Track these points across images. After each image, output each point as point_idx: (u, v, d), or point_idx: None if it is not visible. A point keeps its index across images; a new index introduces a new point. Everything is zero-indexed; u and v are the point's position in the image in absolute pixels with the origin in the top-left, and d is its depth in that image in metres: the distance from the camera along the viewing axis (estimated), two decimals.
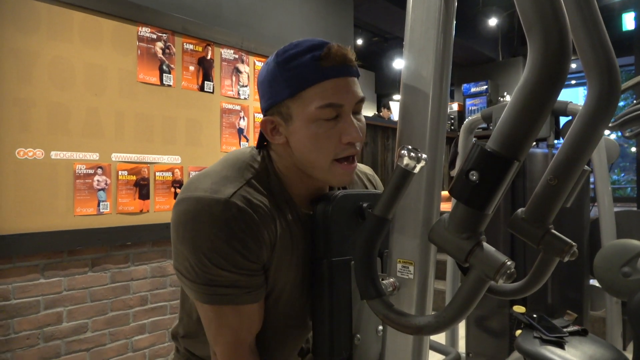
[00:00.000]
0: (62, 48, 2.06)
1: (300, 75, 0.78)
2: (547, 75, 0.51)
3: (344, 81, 0.79)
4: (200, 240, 0.77)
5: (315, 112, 0.78)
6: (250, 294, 0.81)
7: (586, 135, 0.71)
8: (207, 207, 0.77)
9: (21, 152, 1.94)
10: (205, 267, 0.78)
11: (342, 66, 0.79)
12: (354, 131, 0.80)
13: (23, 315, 1.98)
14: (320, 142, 0.80)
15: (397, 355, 0.79)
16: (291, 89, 0.79)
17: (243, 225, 0.77)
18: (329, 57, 0.78)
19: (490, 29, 7.58)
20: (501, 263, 0.54)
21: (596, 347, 1.48)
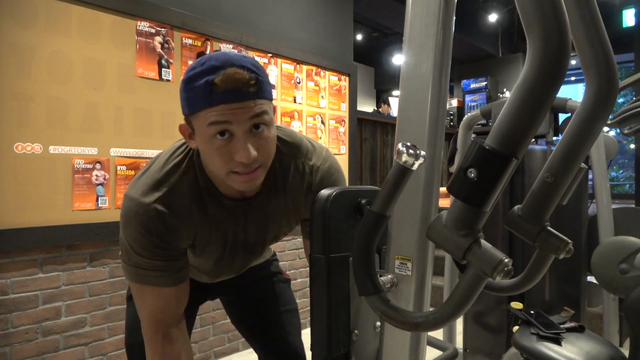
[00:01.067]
0: (60, 42, 2.05)
1: (195, 98, 0.84)
2: (546, 72, 0.51)
3: (234, 106, 0.82)
4: (129, 233, 0.95)
5: (207, 131, 0.84)
6: (168, 277, 0.99)
7: (584, 133, 0.71)
8: (135, 207, 0.94)
9: (19, 147, 1.94)
10: (132, 253, 0.96)
11: (234, 92, 0.82)
12: (244, 152, 0.84)
13: (22, 310, 1.98)
14: (214, 158, 0.87)
15: (395, 351, 0.79)
16: (189, 108, 0.86)
17: (160, 225, 0.93)
18: (220, 84, 0.81)
19: (490, 25, 7.56)
20: (499, 260, 0.55)
21: (593, 344, 1.49)
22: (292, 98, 3.15)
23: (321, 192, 0.87)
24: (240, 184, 0.90)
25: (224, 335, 2.74)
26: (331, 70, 3.47)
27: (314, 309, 0.86)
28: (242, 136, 0.84)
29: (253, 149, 0.85)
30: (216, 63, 0.83)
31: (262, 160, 0.89)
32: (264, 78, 0.87)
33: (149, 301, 1.01)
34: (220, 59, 0.84)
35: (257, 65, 0.88)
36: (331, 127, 3.48)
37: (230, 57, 0.85)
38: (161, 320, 1.03)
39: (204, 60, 0.85)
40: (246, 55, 0.90)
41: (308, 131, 3.28)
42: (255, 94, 0.84)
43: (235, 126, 0.84)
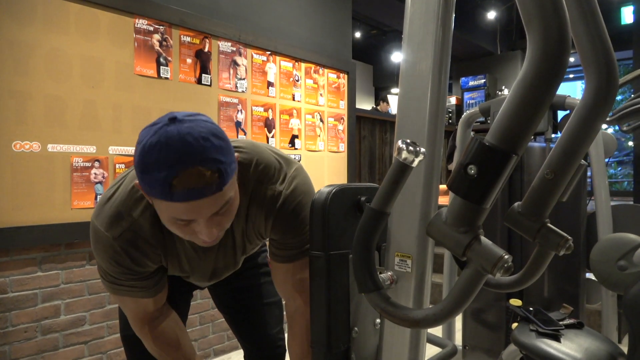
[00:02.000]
0: (58, 40, 2.04)
1: (153, 187, 0.77)
2: (546, 69, 0.51)
3: (195, 203, 0.78)
4: (99, 259, 1.00)
5: (168, 217, 0.82)
6: (144, 291, 1.04)
7: (583, 130, 0.71)
8: (102, 240, 0.96)
9: (18, 145, 1.93)
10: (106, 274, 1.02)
11: (194, 191, 0.76)
12: (206, 235, 0.84)
13: (21, 308, 1.98)
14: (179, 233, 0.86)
15: (395, 348, 0.79)
16: (146, 191, 0.80)
17: (126, 257, 0.97)
18: (180, 185, 0.75)
19: (489, 22, 7.55)
20: (499, 257, 0.55)
21: (592, 340, 1.49)
22: (291, 96, 3.15)
23: (321, 190, 0.87)
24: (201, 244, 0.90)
25: (223, 334, 2.75)
26: (330, 67, 3.47)
27: (313, 306, 0.86)
28: (204, 223, 0.82)
29: (216, 229, 0.85)
30: (174, 155, 0.74)
31: (224, 228, 0.89)
32: (227, 165, 0.79)
33: (129, 307, 1.09)
34: (179, 150, 0.75)
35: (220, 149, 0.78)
36: (330, 124, 3.48)
37: (188, 147, 0.75)
38: (144, 318, 1.11)
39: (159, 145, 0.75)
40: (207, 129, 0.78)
41: (307, 129, 3.28)
42: (219, 187, 0.79)
43: (197, 219, 0.82)
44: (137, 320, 1.11)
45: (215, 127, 0.80)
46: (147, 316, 1.11)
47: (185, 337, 1.19)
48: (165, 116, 0.79)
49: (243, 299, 1.40)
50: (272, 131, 3.01)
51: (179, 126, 0.76)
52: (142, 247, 0.97)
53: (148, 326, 1.12)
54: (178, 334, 1.17)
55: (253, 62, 2.87)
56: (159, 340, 1.13)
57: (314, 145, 3.34)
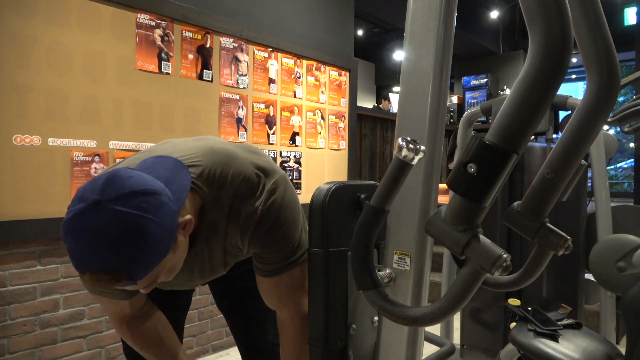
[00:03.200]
0: (60, 33, 2.04)
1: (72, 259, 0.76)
2: (547, 68, 0.51)
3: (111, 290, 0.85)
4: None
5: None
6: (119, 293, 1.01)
7: (584, 130, 0.71)
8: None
9: (18, 139, 1.93)
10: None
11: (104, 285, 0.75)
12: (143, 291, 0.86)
13: (19, 302, 1.98)
14: None
15: (392, 346, 0.79)
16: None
17: None
18: (89, 281, 0.75)
19: (492, 21, 7.54)
20: (497, 255, 0.55)
21: (589, 341, 1.49)
22: (292, 93, 3.15)
23: (320, 187, 0.87)
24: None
25: (221, 329, 2.75)
26: (331, 65, 3.46)
27: (311, 303, 0.86)
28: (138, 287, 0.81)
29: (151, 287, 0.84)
30: (82, 254, 0.73)
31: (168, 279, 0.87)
32: (141, 265, 0.75)
33: (107, 307, 1.10)
34: (85, 250, 0.73)
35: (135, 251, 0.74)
36: (331, 122, 3.47)
37: (94, 252, 0.72)
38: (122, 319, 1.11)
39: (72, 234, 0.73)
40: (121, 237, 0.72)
41: (308, 126, 3.27)
42: (131, 283, 0.76)
43: None
44: (115, 320, 1.12)
45: (138, 222, 0.73)
46: (125, 317, 1.11)
47: (169, 334, 1.17)
48: (95, 191, 0.74)
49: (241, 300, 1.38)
50: (273, 128, 3.01)
51: (97, 219, 0.72)
52: None
53: (127, 326, 1.12)
54: (160, 332, 1.15)
55: (255, 59, 2.86)
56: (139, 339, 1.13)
57: (315, 142, 3.33)
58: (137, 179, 0.76)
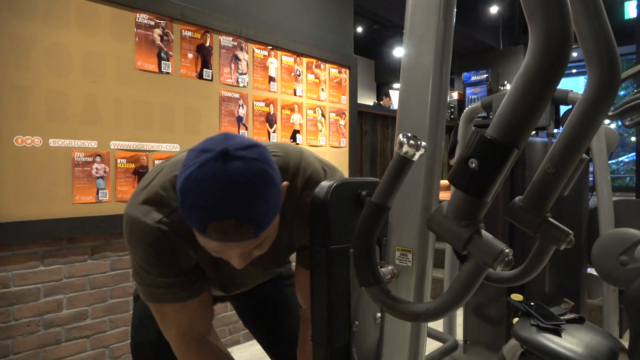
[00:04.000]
0: (59, 34, 2.04)
1: (190, 222, 0.77)
2: (548, 62, 0.51)
3: (228, 245, 0.79)
4: (137, 253, 0.91)
5: (203, 245, 0.82)
6: (186, 291, 0.94)
7: (585, 124, 0.71)
8: (138, 228, 0.89)
9: (19, 140, 1.93)
10: (144, 273, 0.92)
11: (227, 237, 0.76)
12: (236, 265, 0.84)
13: (23, 303, 1.99)
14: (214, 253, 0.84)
15: (395, 342, 0.79)
16: (186, 220, 0.79)
17: (168, 246, 0.89)
18: (215, 232, 0.75)
19: (492, 17, 7.52)
20: (499, 251, 0.55)
21: (593, 335, 1.49)
22: (292, 91, 3.15)
23: (321, 184, 0.87)
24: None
25: (224, 328, 2.76)
26: (331, 62, 3.46)
27: (314, 301, 0.86)
28: (235, 256, 0.83)
29: (246, 260, 0.84)
30: (213, 201, 0.73)
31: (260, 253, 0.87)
32: (266, 215, 0.77)
33: (172, 318, 0.96)
34: (218, 197, 0.73)
35: (263, 198, 0.76)
36: (331, 120, 3.47)
37: (228, 196, 0.73)
38: (190, 335, 0.97)
39: (201, 184, 0.73)
40: (252, 184, 0.74)
41: (308, 124, 3.27)
42: (253, 236, 0.78)
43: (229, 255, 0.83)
44: (182, 341, 0.97)
45: (265, 168, 0.76)
46: (193, 332, 0.98)
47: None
48: (218, 143, 0.75)
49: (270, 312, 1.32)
50: (274, 126, 3.00)
51: (228, 166, 0.73)
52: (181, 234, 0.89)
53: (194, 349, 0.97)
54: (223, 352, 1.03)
55: (254, 57, 2.86)
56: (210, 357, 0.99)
57: (316, 140, 3.33)
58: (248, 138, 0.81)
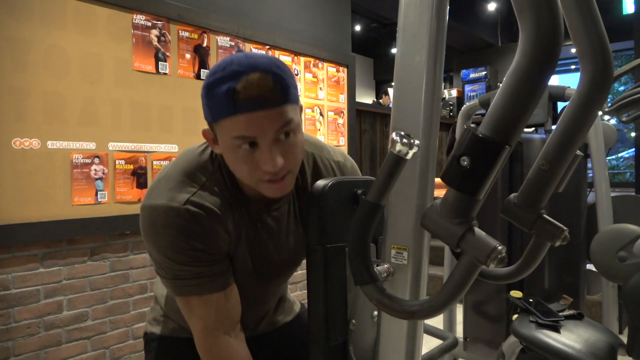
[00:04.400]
0: (56, 36, 2.04)
1: (217, 106, 0.79)
2: (538, 58, 0.51)
3: (259, 115, 0.78)
4: (161, 243, 0.86)
5: (231, 141, 0.81)
6: (214, 282, 0.90)
7: (578, 120, 0.71)
8: (164, 213, 0.85)
9: (17, 142, 1.94)
10: (170, 265, 0.88)
11: (258, 100, 0.77)
12: (269, 162, 0.80)
13: (23, 305, 1.99)
14: (240, 167, 0.83)
15: (392, 340, 0.79)
16: (212, 116, 0.82)
17: (198, 226, 0.85)
18: (243, 91, 0.76)
19: (490, 13, 7.52)
20: (492, 248, 0.55)
21: (592, 331, 1.49)
22: None
23: (317, 183, 0.87)
24: (270, 192, 0.86)
25: None
26: (329, 61, 3.46)
27: (311, 299, 0.86)
28: (267, 146, 0.80)
29: (279, 157, 0.81)
30: (238, 68, 0.77)
31: (290, 167, 0.85)
32: (290, 81, 0.81)
33: (198, 312, 0.92)
34: (243, 63, 0.78)
35: (283, 67, 0.81)
36: (330, 118, 3.47)
37: (253, 60, 0.79)
38: (216, 331, 0.93)
39: (225, 65, 0.79)
40: (272, 56, 0.83)
41: (307, 123, 3.27)
42: (281, 100, 0.79)
43: (260, 137, 0.80)
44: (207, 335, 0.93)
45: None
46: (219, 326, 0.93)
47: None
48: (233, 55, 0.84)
49: None
50: None
51: (246, 52, 0.85)
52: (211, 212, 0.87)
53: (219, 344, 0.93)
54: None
55: None
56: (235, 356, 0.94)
57: None
58: None
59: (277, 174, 0.83)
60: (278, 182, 0.84)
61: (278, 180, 0.84)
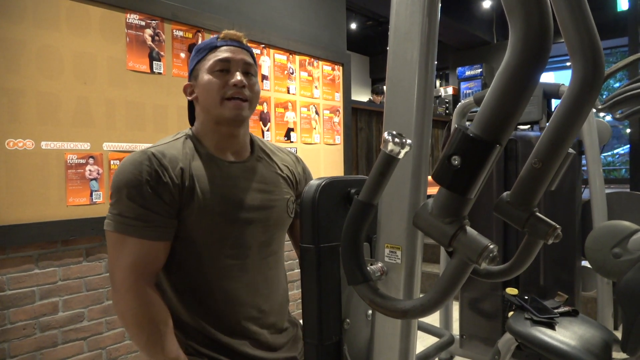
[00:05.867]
0: (49, 36, 2.03)
1: (202, 50, 1.13)
2: (528, 57, 0.51)
3: (232, 48, 1.12)
4: (121, 177, 1.02)
5: (211, 65, 1.10)
6: (154, 230, 1.02)
7: (570, 117, 0.71)
8: (131, 156, 1.05)
9: (11, 143, 1.93)
10: (120, 200, 1.02)
11: (233, 41, 1.13)
12: (236, 79, 1.09)
13: (18, 306, 1.98)
14: (212, 85, 1.09)
15: (386, 339, 0.80)
16: (199, 55, 1.13)
17: (154, 164, 1.02)
18: (225, 36, 1.13)
19: (485, 11, 7.52)
20: (483, 247, 0.55)
21: (586, 327, 1.50)
22: (286, 89, 3.14)
23: (310, 182, 0.87)
24: (231, 110, 1.09)
25: None
26: (324, 60, 3.46)
27: (305, 299, 0.86)
28: (235, 70, 1.11)
29: (244, 78, 1.10)
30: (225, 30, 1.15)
31: (250, 96, 1.12)
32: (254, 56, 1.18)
33: (129, 250, 1.01)
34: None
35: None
36: (325, 117, 3.47)
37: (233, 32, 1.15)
38: (142, 273, 1.01)
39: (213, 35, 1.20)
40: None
41: (302, 122, 3.27)
42: (248, 50, 1.15)
43: (232, 64, 1.10)
44: (132, 273, 1.00)
45: None
46: (145, 272, 1.01)
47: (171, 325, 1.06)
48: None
49: None
50: (267, 125, 3.00)
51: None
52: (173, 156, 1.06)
53: (143, 284, 1.01)
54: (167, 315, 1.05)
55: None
56: (148, 304, 1.01)
57: (310, 138, 3.33)
58: None
59: (240, 92, 1.09)
60: (239, 102, 1.09)
61: (240, 100, 1.09)
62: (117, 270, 1.02)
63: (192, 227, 1.07)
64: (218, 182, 1.10)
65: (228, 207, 1.10)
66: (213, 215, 1.08)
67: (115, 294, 1.03)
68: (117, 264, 1.02)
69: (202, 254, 1.09)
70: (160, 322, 1.02)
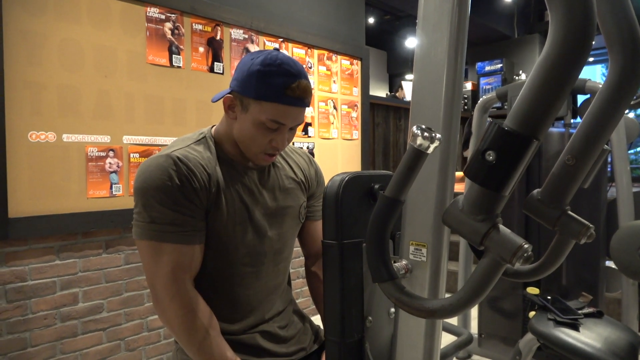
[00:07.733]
0: (70, 30, 2.05)
1: (269, 91, 0.99)
2: (569, 48, 0.49)
3: (295, 110, 1.02)
4: (148, 183, 0.98)
5: (264, 120, 1.01)
6: (190, 234, 1.00)
7: (606, 113, 0.68)
8: (155, 160, 1.00)
9: (33, 135, 1.95)
10: (150, 207, 0.97)
11: (299, 99, 1.01)
12: (281, 142, 1.06)
13: (40, 296, 2.01)
14: (256, 140, 1.04)
15: (410, 338, 0.78)
16: (258, 95, 1.00)
17: (182, 169, 0.99)
18: (294, 91, 1.00)
19: (506, 4, 7.38)
20: (518, 246, 0.53)
21: (611, 329, 1.46)
22: None
23: (333, 178, 0.86)
24: (263, 161, 1.09)
25: None
26: (343, 54, 3.43)
27: (327, 296, 0.85)
28: (286, 131, 1.05)
29: (285, 143, 1.07)
30: (291, 70, 1.00)
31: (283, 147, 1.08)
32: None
33: (167, 258, 0.97)
34: (293, 67, 1.01)
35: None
36: (343, 112, 3.45)
37: (299, 67, 1.03)
38: (183, 279, 0.99)
39: (276, 61, 1.00)
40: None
41: (320, 116, 3.25)
42: (309, 103, 1.05)
43: (286, 125, 1.03)
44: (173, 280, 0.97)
45: None
46: (184, 276, 0.99)
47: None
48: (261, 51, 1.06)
49: None
50: None
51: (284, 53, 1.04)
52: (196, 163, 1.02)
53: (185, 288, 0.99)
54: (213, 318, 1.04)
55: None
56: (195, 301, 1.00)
57: (328, 133, 3.31)
58: None
59: (276, 152, 1.08)
60: (272, 157, 1.08)
61: (272, 155, 1.08)
62: (158, 280, 0.98)
63: (213, 233, 1.05)
64: (240, 188, 1.09)
65: (248, 215, 1.10)
66: (235, 223, 1.07)
67: (159, 304, 1.00)
68: (157, 273, 0.98)
69: (219, 260, 1.08)
70: (210, 327, 1.01)
